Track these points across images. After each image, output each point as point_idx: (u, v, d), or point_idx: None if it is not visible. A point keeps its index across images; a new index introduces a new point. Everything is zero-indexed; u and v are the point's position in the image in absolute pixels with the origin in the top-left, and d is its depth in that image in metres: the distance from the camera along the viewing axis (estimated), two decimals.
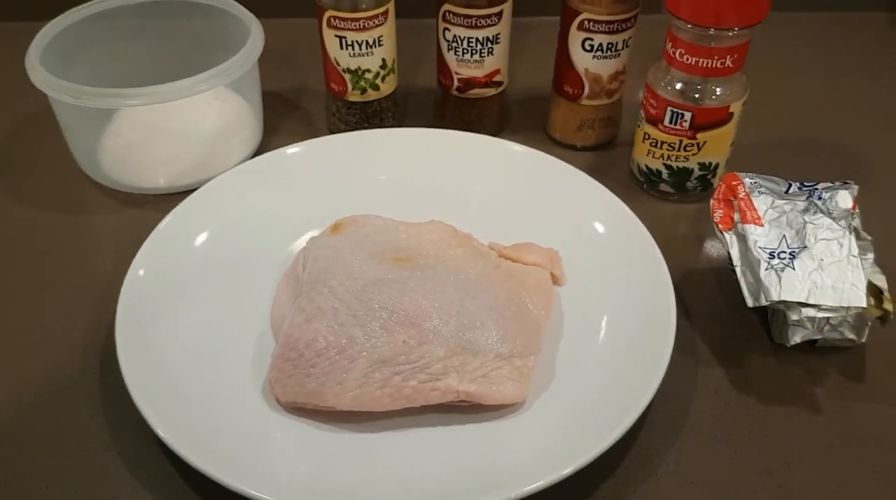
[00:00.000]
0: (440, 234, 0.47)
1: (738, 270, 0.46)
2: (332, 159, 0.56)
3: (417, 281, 0.44)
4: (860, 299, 0.42)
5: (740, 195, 0.47)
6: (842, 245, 0.44)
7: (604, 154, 0.62)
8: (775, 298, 0.43)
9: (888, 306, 0.44)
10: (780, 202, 0.46)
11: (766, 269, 0.44)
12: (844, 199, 0.46)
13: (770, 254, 0.44)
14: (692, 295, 0.51)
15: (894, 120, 0.67)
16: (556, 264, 0.49)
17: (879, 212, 0.51)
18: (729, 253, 0.47)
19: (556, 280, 0.49)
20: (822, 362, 0.47)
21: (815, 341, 0.46)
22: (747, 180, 0.48)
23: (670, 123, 0.54)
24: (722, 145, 0.55)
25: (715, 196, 0.49)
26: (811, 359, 0.47)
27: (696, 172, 0.56)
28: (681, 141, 0.54)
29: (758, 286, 0.44)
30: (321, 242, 0.48)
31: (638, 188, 0.59)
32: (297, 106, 0.66)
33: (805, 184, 0.49)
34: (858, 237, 0.45)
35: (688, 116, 0.53)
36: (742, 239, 0.46)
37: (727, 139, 0.55)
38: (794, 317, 0.43)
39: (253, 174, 0.55)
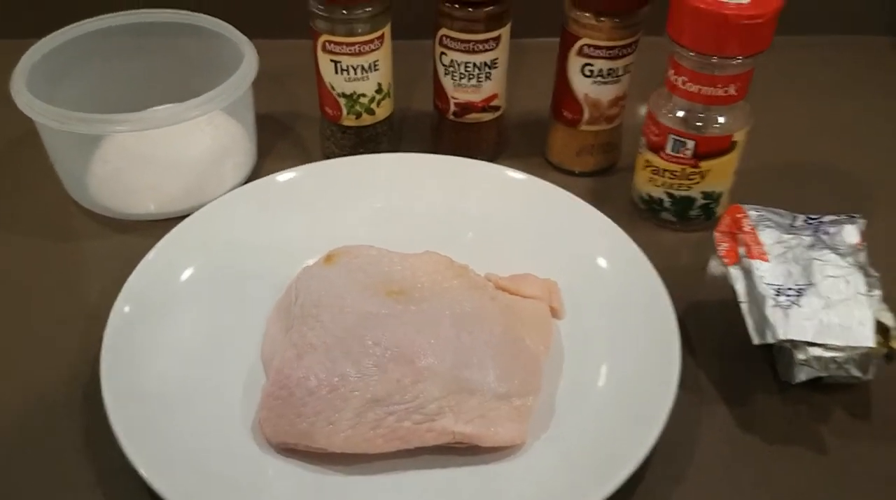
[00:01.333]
0: (435, 265, 0.46)
1: (743, 306, 0.44)
2: (327, 185, 0.55)
3: (412, 315, 0.43)
4: (868, 339, 0.41)
5: (745, 229, 0.46)
6: (849, 282, 0.43)
7: (603, 180, 0.61)
8: (782, 336, 0.42)
9: (895, 343, 0.43)
10: (786, 237, 0.45)
11: (773, 306, 0.43)
12: (851, 234, 0.45)
13: (776, 291, 0.43)
14: (696, 328, 0.49)
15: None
16: (554, 297, 0.48)
17: (885, 242, 0.49)
18: (734, 288, 0.45)
19: (555, 313, 0.47)
20: (827, 399, 0.46)
21: (821, 378, 0.45)
22: (753, 213, 0.47)
23: (672, 151, 0.53)
24: (725, 174, 0.54)
25: (719, 228, 0.48)
26: (816, 396, 0.46)
27: (699, 201, 0.55)
28: (683, 169, 0.53)
29: (763, 324, 0.43)
30: (313, 272, 0.47)
31: (638, 216, 0.58)
32: (292, 129, 0.65)
33: (811, 217, 0.47)
34: (866, 274, 0.44)
35: (690, 144, 0.52)
36: (748, 274, 0.45)
37: (730, 168, 0.53)
38: (800, 356, 0.42)
39: (245, 201, 0.53)
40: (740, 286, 0.45)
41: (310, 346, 0.41)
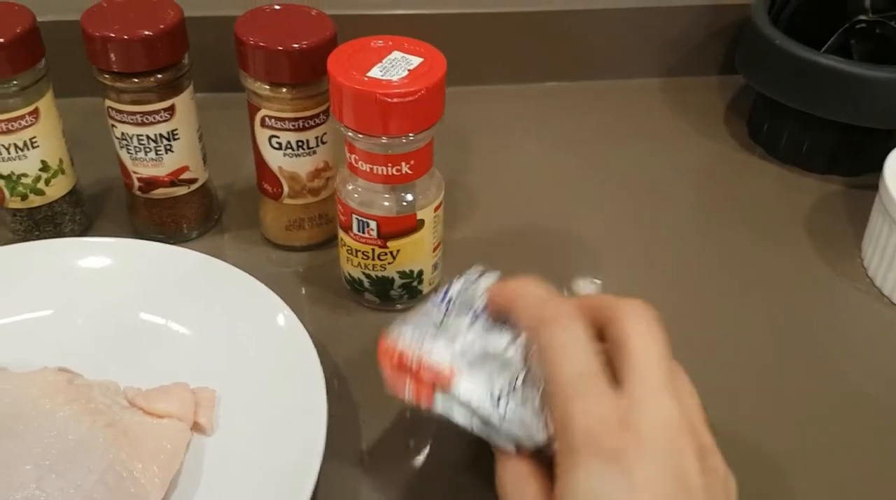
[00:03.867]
0: (45, 387, 0.40)
1: (477, 430, 0.38)
2: None
3: None
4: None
5: (414, 367, 0.39)
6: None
7: (322, 254, 0.56)
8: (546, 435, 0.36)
9: None
10: (457, 345, 0.39)
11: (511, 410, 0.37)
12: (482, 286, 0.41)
13: (495, 399, 0.37)
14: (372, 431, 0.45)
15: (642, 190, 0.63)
16: (202, 411, 0.42)
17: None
18: (455, 422, 0.38)
19: (200, 429, 0.42)
20: None
21: None
22: (407, 336, 0.40)
23: (359, 231, 0.48)
24: (420, 253, 0.49)
25: (386, 370, 0.40)
26: None
27: (398, 281, 0.50)
28: (373, 250, 0.49)
29: (522, 429, 0.37)
30: None
31: (347, 296, 0.53)
32: None
33: (446, 292, 0.42)
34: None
35: (373, 224, 0.47)
36: (456, 401, 0.38)
37: (425, 246, 0.49)
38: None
39: None
40: (459, 416, 0.38)
41: None
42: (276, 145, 0.50)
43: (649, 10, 0.72)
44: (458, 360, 0.39)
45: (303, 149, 0.50)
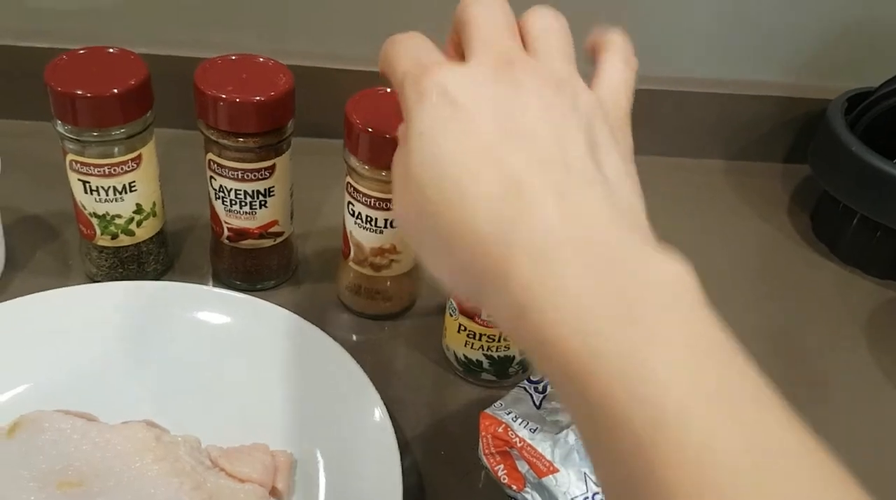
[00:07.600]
0: (134, 444, 0.41)
1: None
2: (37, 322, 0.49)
3: None
4: None
5: (518, 444, 0.41)
6: None
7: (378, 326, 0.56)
8: None
9: None
10: (559, 437, 0.41)
11: None
12: None
13: None
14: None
15: None
16: (281, 476, 0.43)
17: None
18: None
19: (277, 495, 0.43)
20: None
21: None
22: (511, 421, 0.42)
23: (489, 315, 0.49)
24: None
25: (485, 450, 0.42)
26: None
27: (517, 358, 0.51)
28: (501, 332, 0.50)
29: None
30: None
31: (447, 370, 0.53)
32: (59, 236, 0.58)
33: (531, 379, 0.44)
34: None
35: None
36: (544, 490, 0.40)
37: None
38: None
39: None
40: None
41: None
42: (351, 212, 0.51)
43: (726, 97, 0.73)
44: (556, 454, 0.40)
45: (370, 225, 0.51)
